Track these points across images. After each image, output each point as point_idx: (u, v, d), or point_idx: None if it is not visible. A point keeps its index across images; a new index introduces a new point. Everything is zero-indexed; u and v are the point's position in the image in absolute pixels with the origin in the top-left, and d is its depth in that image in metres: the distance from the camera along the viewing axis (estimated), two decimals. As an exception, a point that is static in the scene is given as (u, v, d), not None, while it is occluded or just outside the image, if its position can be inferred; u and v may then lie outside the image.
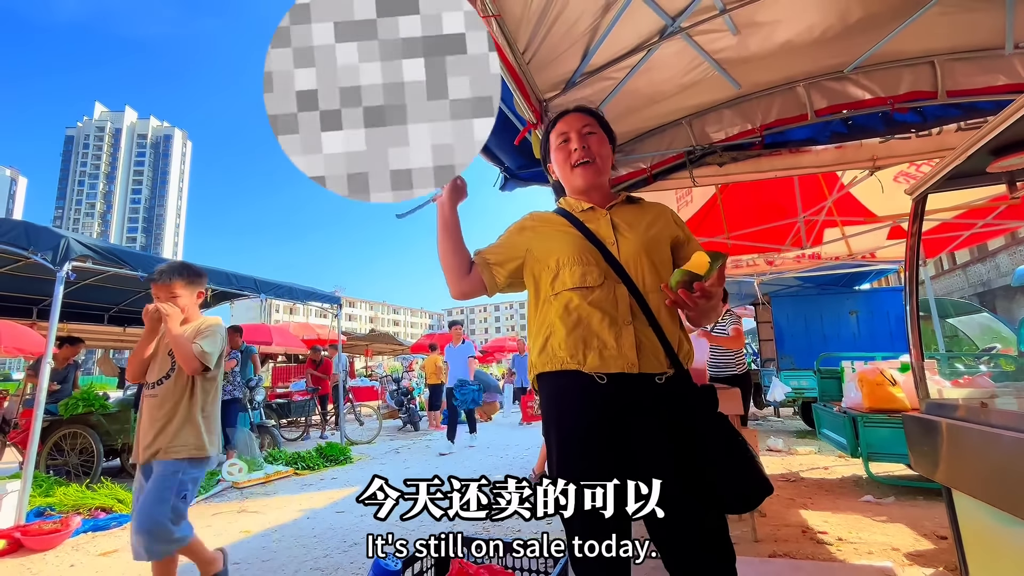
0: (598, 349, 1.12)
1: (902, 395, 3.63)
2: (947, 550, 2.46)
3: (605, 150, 1.32)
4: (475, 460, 5.57)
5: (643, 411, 1.11)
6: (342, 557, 2.76)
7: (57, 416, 4.57)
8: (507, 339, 21.06)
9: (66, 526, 3.17)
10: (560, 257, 1.21)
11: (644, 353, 1.12)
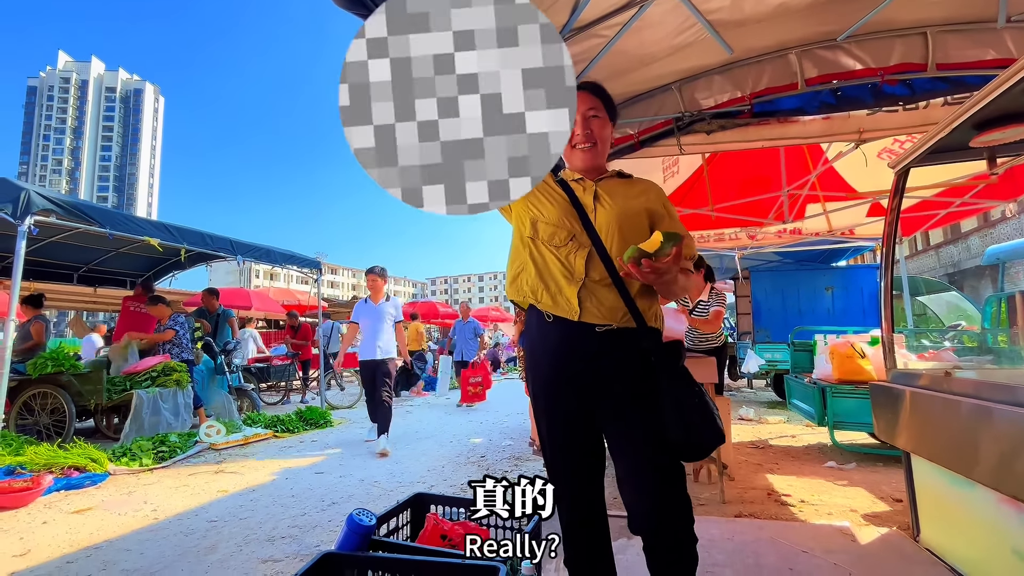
0: (553, 293, 1.28)
1: (870, 367, 3.75)
2: (902, 512, 2.60)
3: (606, 132, 1.40)
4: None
5: (582, 355, 1.26)
6: (320, 516, 2.79)
7: (25, 375, 4.46)
8: (490, 308, 21.06)
9: (37, 484, 3.14)
10: (543, 214, 1.33)
11: (586, 307, 1.24)
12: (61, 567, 2.22)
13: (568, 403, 1.28)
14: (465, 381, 7.07)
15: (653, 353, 1.21)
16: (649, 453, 1.18)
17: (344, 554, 1.39)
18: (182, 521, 2.77)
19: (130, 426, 4.34)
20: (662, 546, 1.18)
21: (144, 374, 4.72)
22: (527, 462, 3.95)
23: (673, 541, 1.18)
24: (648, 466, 1.19)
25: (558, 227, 1.30)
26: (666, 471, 1.18)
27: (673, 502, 1.17)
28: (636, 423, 1.21)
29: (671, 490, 1.18)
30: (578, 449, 1.30)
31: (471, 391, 6.98)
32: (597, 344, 1.23)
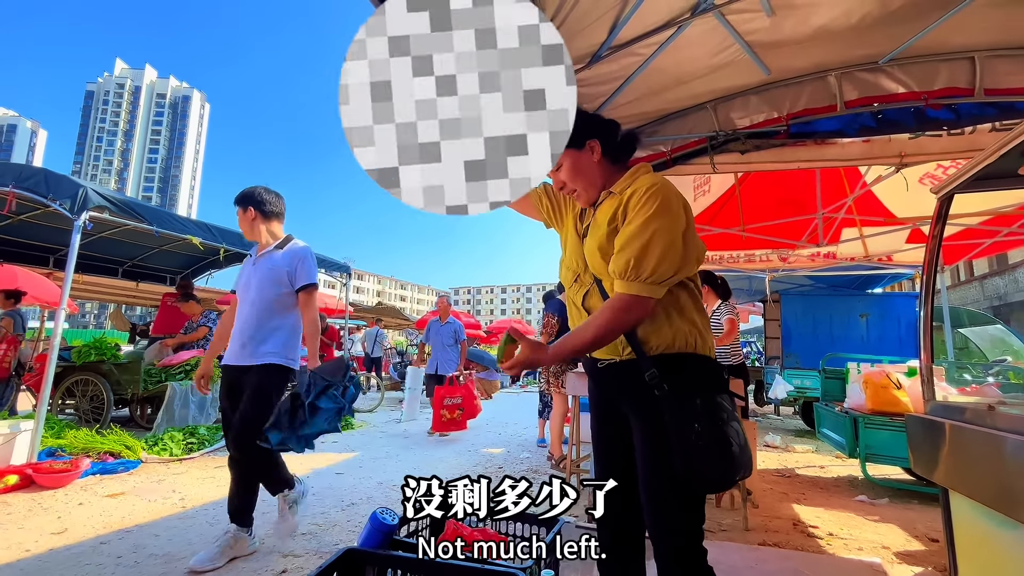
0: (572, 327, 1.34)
1: (906, 399, 3.61)
2: (937, 552, 2.47)
3: (580, 162, 1.30)
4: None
5: (601, 386, 1.35)
6: (339, 515, 2.83)
7: (70, 362, 4.68)
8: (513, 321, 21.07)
9: (75, 467, 3.28)
10: (564, 254, 1.40)
11: None
12: (95, 547, 2.32)
13: (600, 424, 1.38)
14: (439, 402, 5.19)
15: (654, 385, 1.14)
16: (647, 479, 1.19)
17: (366, 551, 1.41)
18: (208, 511, 2.85)
19: (162, 416, 4.50)
20: (662, 566, 1.18)
21: (179, 367, 4.89)
22: (546, 474, 3.92)
23: (667, 568, 1.17)
24: (647, 490, 1.19)
25: (567, 268, 1.37)
26: (664, 495, 1.16)
27: (666, 531, 1.16)
28: (638, 450, 1.22)
29: (666, 517, 1.16)
30: (610, 465, 1.33)
31: (446, 416, 5.17)
32: (606, 377, 1.30)
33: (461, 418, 5.30)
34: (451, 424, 5.28)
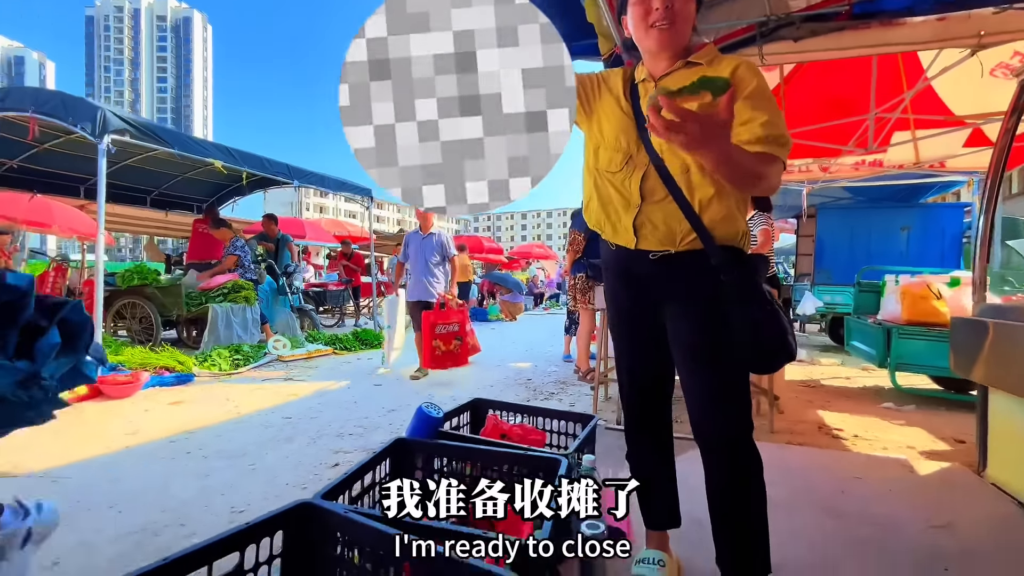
0: (613, 222, 1.26)
1: (945, 310, 3.53)
2: (963, 451, 2.52)
3: (689, 8, 1.17)
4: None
5: (639, 283, 1.27)
6: (381, 419, 3.02)
7: (115, 287, 4.90)
8: (534, 246, 20.96)
9: (136, 379, 3.54)
10: (604, 136, 1.26)
11: (643, 234, 1.20)
12: (165, 445, 2.55)
13: (631, 310, 1.32)
14: (428, 330, 3.95)
15: (722, 271, 1.12)
16: (704, 370, 1.17)
17: (415, 440, 1.50)
18: (261, 417, 3.08)
19: (208, 336, 4.75)
20: (717, 456, 1.18)
21: (217, 290, 5.08)
22: (572, 386, 4.06)
23: (728, 452, 1.16)
24: (703, 382, 1.17)
25: (614, 151, 1.23)
26: (722, 382, 1.15)
27: (729, 412, 1.15)
28: (692, 344, 1.18)
29: (727, 398, 1.16)
30: (641, 353, 1.32)
31: (440, 348, 3.99)
32: (655, 269, 1.21)
33: (460, 350, 4.06)
34: (447, 358, 4.00)
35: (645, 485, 1.38)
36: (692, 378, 1.19)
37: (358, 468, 1.26)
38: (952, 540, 1.55)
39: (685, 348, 1.19)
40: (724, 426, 1.15)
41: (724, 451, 1.15)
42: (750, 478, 1.14)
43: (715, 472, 1.19)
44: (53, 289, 5.27)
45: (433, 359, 3.98)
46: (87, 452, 2.42)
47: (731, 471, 1.15)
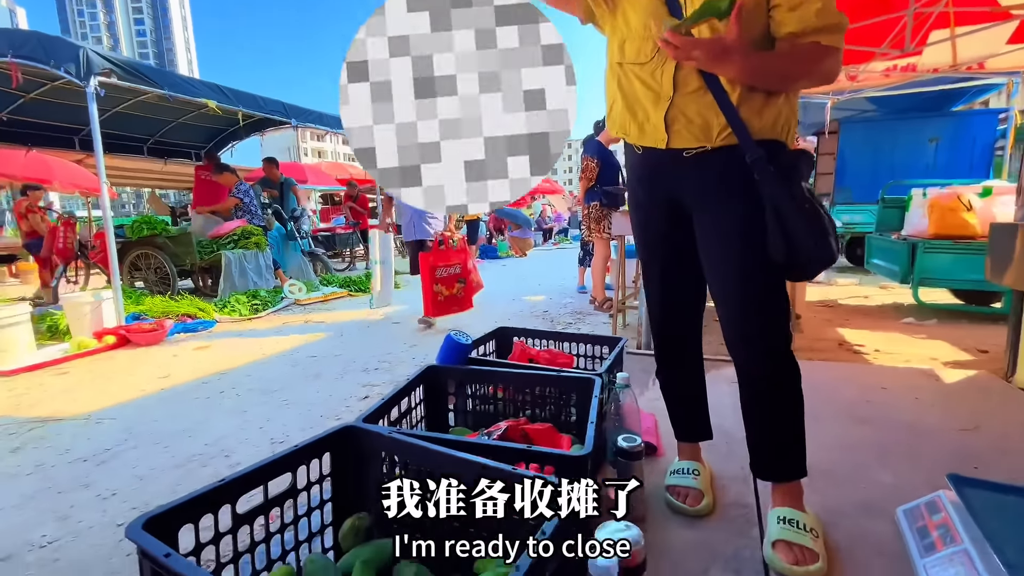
0: (640, 122, 1.16)
1: (974, 221, 3.41)
2: (987, 360, 2.52)
3: None
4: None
5: (669, 191, 1.19)
6: (404, 354, 3.08)
7: (126, 238, 4.89)
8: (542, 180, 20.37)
9: (161, 327, 3.60)
10: (631, 26, 1.14)
11: (675, 130, 1.10)
12: (198, 386, 2.62)
13: (659, 222, 1.24)
14: (428, 274, 3.56)
15: (757, 168, 1.03)
16: (740, 276, 1.10)
17: (446, 366, 1.51)
18: (287, 356, 3.14)
19: (224, 283, 4.78)
20: (756, 368, 1.15)
21: (227, 237, 5.05)
22: (589, 316, 4.08)
23: (767, 363, 1.12)
24: (739, 289, 1.11)
25: (643, 40, 1.11)
26: (759, 288, 1.09)
27: (768, 322, 1.10)
28: (727, 248, 1.11)
29: (766, 308, 1.10)
30: (671, 268, 1.27)
31: (442, 293, 3.62)
32: (687, 171, 1.12)
33: (463, 293, 3.73)
34: (451, 303, 3.68)
35: (677, 403, 1.40)
36: (727, 289, 1.14)
37: (394, 394, 1.27)
38: (982, 441, 1.57)
39: (719, 256, 1.13)
40: (763, 337, 1.11)
41: (763, 362, 1.12)
42: (790, 386, 1.12)
43: (754, 383, 1.16)
44: (65, 244, 5.27)
45: (436, 306, 3.63)
46: (124, 396, 2.50)
47: (771, 381, 1.12)
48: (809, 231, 1.01)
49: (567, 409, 1.42)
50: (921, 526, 1.10)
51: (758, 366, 1.13)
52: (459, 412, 1.52)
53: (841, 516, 1.22)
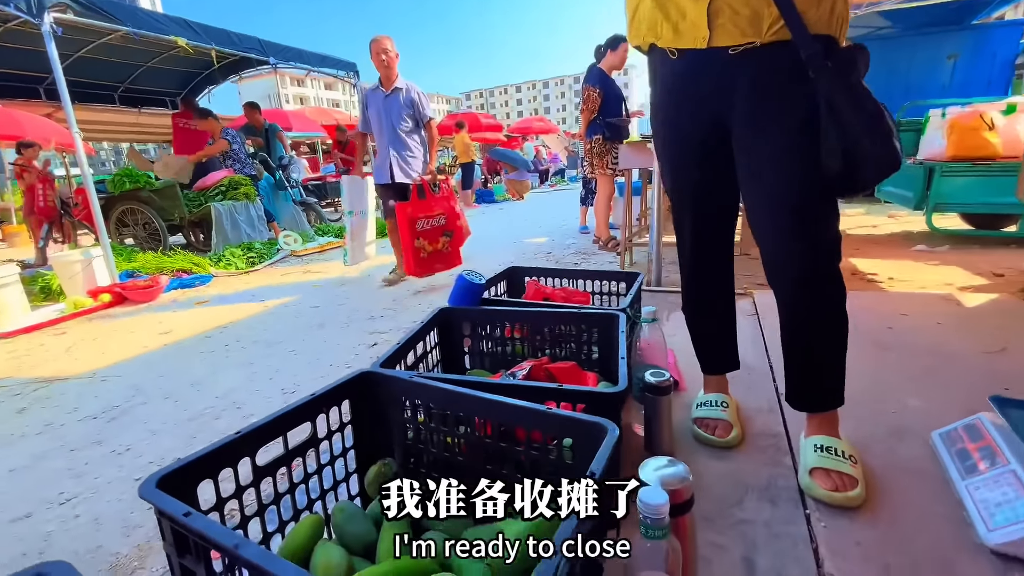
0: (674, 21, 1.03)
1: (996, 141, 3.26)
2: (1004, 283, 2.47)
3: None
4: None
5: (705, 100, 1.06)
6: (410, 301, 3.02)
7: (109, 193, 4.69)
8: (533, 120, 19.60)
9: (156, 283, 3.51)
10: None
11: (718, 24, 0.97)
12: (201, 340, 2.57)
13: (694, 139, 1.12)
14: (407, 228, 3.01)
15: (813, 65, 0.91)
16: (786, 184, 0.98)
17: (460, 308, 1.44)
18: (289, 307, 3.08)
19: (216, 237, 4.64)
20: (803, 292, 1.04)
21: (214, 189, 4.85)
22: (594, 256, 4.00)
23: (816, 288, 1.03)
24: (785, 198, 0.99)
25: None
26: (812, 202, 0.98)
27: (820, 243, 1.00)
28: (776, 148, 0.99)
29: (819, 227, 0.99)
30: (705, 192, 1.17)
31: (425, 249, 3.07)
32: (732, 69, 0.99)
33: (450, 247, 3.21)
34: (435, 259, 3.14)
35: (706, 336, 1.34)
36: (775, 206, 1.01)
37: (409, 338, 1.20)
38: (1009, 363, 1.54)
39: (767, 169, 1.01)
40: (814, 258, 1.01)
41: (813, 285, 1.03)
42: (838, 310, 1.05)
43: (801, 308, 1.06)
44: (45, 201, 5.06)
45: (418, 264, 3.06)
46: (127, 353, 2.45)
47: (820, 306, 1.04)
48: (870, 130, 0.90)
49: (589, 347, 1.36)
50: (960, 448, 1.07)
51: (807, 289, 1.04)
52: (474, 355, 1.46)
53: (873, 441, 1.19)
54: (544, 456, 0.83)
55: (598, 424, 0.76)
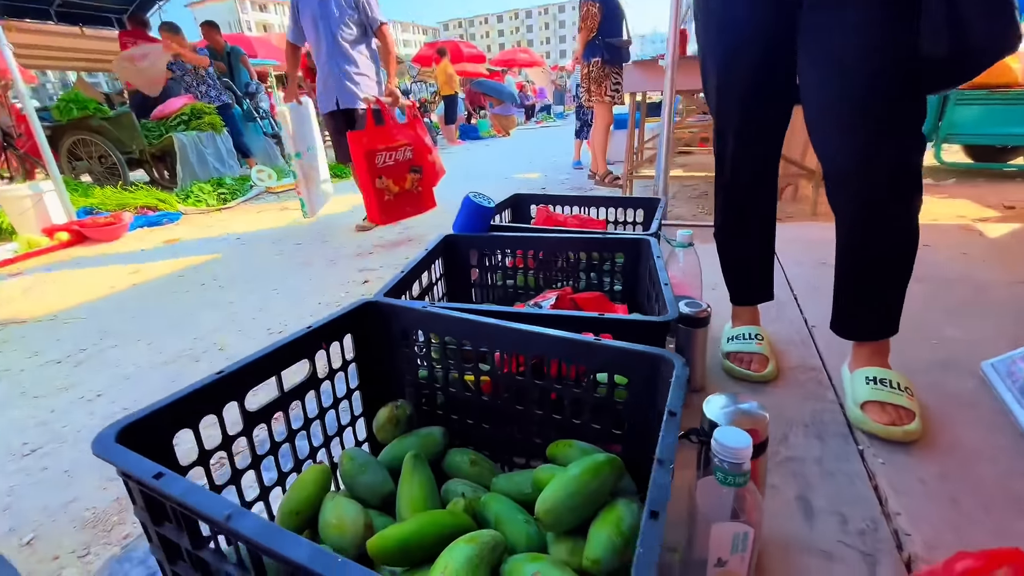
0: None
1: (1017, 66, 3.10)
2: (1016, 215, 2.40)
3: None
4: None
5: None
6: (399, 236, 2.82)
7: (55, 122, 4.23)
8: (518, 51, 18.43)
9: (119, 219, 3.23)
10: None
11: None
12: (174, 280, 2.37)
13: (751, 15, 0.95)
14: (364, 165, 2.33)
15: None
16: (878, 67, 0.79)
17: (467, 235, 1.28)
18: (268, 246, 2.86)
19: (183, 171, 4.28)
20: (879, 208, 0.87)
21: (175, 118, 4.42)
22: (591, 191, 3.81)
23: (884, 212, 0.87)
24: (874, 86, 0.80)
25: None
26: (902, 93, 0.81)
27: (903, 140, 0.83)
28: (862, 26, 0.80)
29: (905, 123, 0.82)
30: (757, 82, 1.00)
31: (389, 190, 2.43)
32: None
33: (420, 187, 2.54)
34: (405, 201, 2.49)
35: (740, 265, 1.21)
36: (851, 103, 0.83)
37: (414, 267, 1.05)
38: (1044, 292, 1.47)
39: (842, 56, 0.83)
40: (899, 168, 0.84)
41: (890, 202, 0.87)
42: (914, 226, 0.91)
43: (872, 226, 0.91)
44: (-17, 132, 4.56)
45: (383, 208, 2.41)
46: (92, 294, 2.25)
47: (896, 222, 0.89)
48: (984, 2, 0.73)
49: (612, 277, 1.23)
50: (1018, 378, 0.99)
51: (886, 204, 0.88)
52: (483, 287, 1.32)
53: (917, 373, 1.11)
54: (588, 394, 0.71)
55: (661, 357, 0.63)
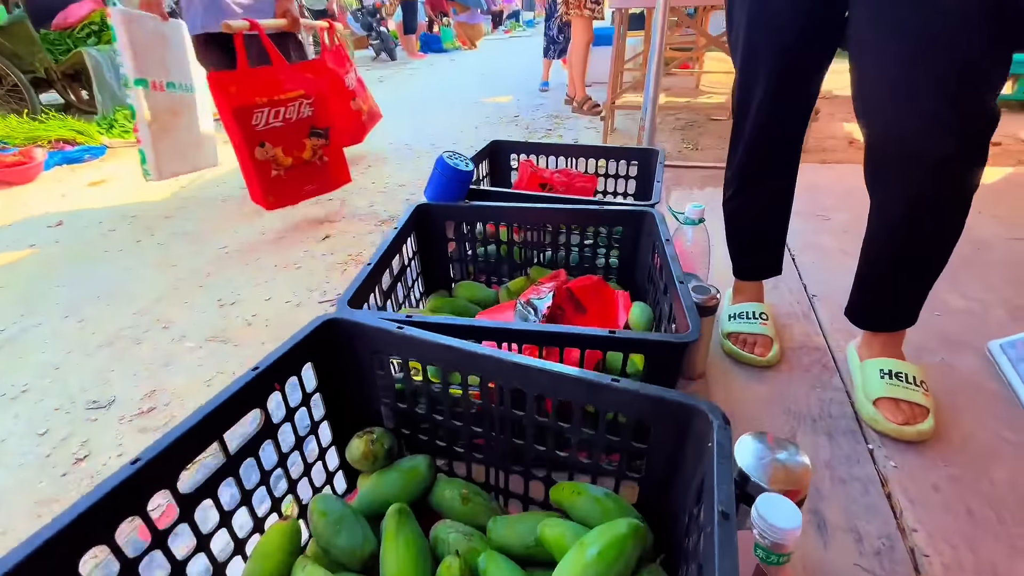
0: None
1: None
2: (1001, 153, 2.35)
3: None
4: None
5: None
6: (363, 179, 2.56)
7: (-69, 33, 3.52)
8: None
9: (31, 158, 2.79)
10: None
11: None
12: (105, 235, 2.09)
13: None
14: (237, 125, 1.65)
15: None
16: (955, 17, 0.64)
17: (443, 204, 1.10)
18: (213, 190, 2.55)
19: (101, 93, 3.71)
20: (920, 196, 0.77)
21: (82, 28, 3.75)
22: (568, 119, 3.53)
23: (938, 190, 0.75)
24: (937, 47, 0.66)
25: None
26: (977, 56, 0.65)
27: (974, 115, 0.68)
28: None
29: (975, 92, 0.67)
30: (796, 26, 0.86)
31: (278, 161, 1.77)
32: None
33: (326, 156, 1.93)
34: (302, 176, 1.88)
35: (750, 234, 1.10)
36: (917, 57, 0.68)
37: (380, 257, 0.88)
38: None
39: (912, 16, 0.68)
40: (969, 138, 0.70)
41: (949, 177, 0.74)
42: (965, 210, 0.79)
43: (920, 205, 0.79)
44: None
45: (268, 187, 1.81)
46: (8, 256, 1.96)
47: (950, 202, 0.77)
48: None
49: (608, 250, 1.10)
50: (1030, 364, 0.95)
51: (943, 179, 0.74)
52: (461, 262, 1.17)
53: (925, 354, 1.07)
54: (601, 436, 0.61)
55: (695, 409, 0.53)
